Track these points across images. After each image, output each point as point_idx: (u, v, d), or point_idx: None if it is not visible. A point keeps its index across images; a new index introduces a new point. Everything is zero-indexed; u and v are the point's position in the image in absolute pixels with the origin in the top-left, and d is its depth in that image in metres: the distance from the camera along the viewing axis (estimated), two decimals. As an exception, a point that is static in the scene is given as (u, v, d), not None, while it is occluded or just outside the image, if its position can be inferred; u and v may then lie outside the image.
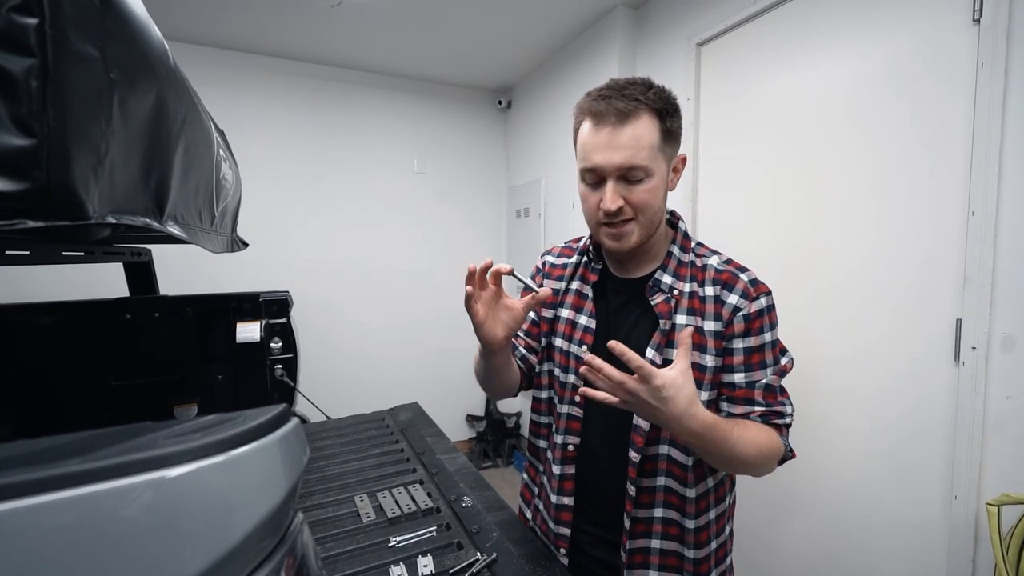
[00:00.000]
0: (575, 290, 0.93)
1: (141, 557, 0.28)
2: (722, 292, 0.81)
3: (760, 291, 0.81)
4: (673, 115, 0.77)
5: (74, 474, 0.27)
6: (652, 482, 0.85)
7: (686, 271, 0.84)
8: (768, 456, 0.77)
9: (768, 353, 0.82)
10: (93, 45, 0.44)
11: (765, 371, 0.81)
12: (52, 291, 1.84)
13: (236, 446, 0.33)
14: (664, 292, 0.83)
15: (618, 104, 0.73)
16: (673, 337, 0.81)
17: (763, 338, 0.81)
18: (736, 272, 0.83)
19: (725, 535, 0.91)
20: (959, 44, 1.25)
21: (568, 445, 0.92)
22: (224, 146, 1.05)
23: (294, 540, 0.38)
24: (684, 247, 0.87)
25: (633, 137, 0.73)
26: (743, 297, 0.80)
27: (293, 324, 1.72)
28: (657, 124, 0.75)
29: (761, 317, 0.80)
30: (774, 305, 0.83)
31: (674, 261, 0.85)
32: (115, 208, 0.51)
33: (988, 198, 1.19)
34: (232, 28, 2.50)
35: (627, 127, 0.73)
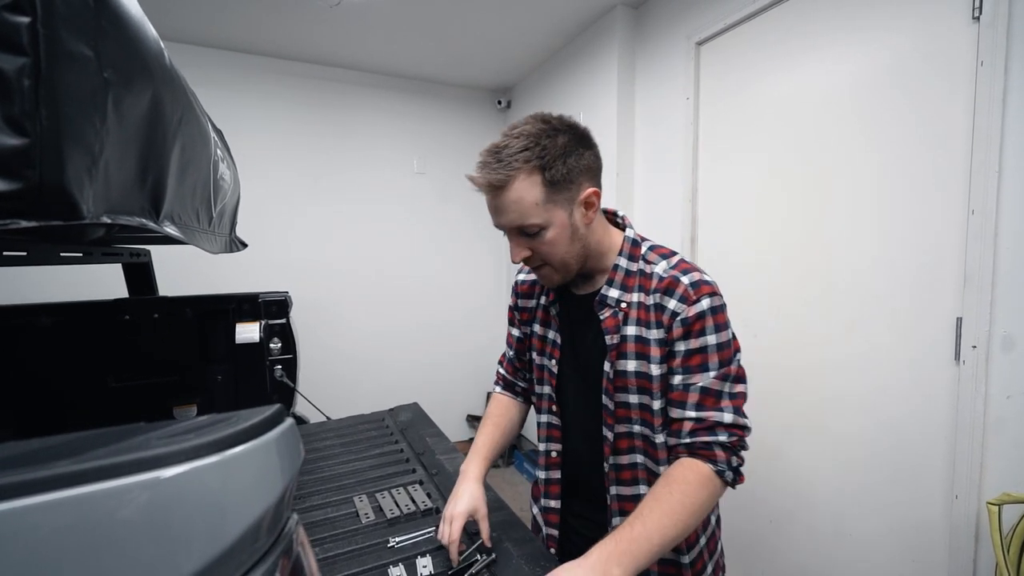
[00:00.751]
0: (543, 306, 0.97)
1: (135, 559, 0.28)
2: (663, 298, 0.81)
3: (701, 293, 0.79)
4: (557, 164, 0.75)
5: (66, 475, 0.26)
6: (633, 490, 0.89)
7: (633, 281, 0.85)
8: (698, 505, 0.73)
9: (711, 356, 0.79)
10: (87, 44, 0.43)
11: (705, 374, 0.79)
12: (51, 292, 1.84)
13: (230, 447, 0.33)
14: (611, 307, 0.85)
15: (490, 177, 0.75)
16: (625, 348, 0.83)
17: (705, 340, 0.79)
18: (678, 276, 0.81)
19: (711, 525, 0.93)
20: (959, 42, 1.24)
21: (551, 452, 0.97)
22: (222, 146, 1.05)
23: (289, 541, 0.38)
24: (632, 255, 0.87)
25: (512, 201, 0.76)
26: (681, 301, 0.79)
27: (293, 325, 1.72)
28: (538, 180, 0.75)
29: (702, 319, 0.78)
30: (721, 307, 0.80)
31: (621, 273, 0.86)
32: (110, 208, 0.51)
33: (988, 197, 1.19)
34: (230, 28, 2.50)
35: (504, 194, 0.76)
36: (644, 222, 2.34)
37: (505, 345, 1.13)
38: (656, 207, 2.26)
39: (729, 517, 1.92)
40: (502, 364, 1.13)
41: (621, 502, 0.88)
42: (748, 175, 1.82)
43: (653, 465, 0.85)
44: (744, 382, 0.82)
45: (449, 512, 0.86)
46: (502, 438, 1.02)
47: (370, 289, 3.20)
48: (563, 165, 0.76)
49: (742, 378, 0.82)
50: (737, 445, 0.79)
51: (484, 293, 3.58)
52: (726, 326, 0.80)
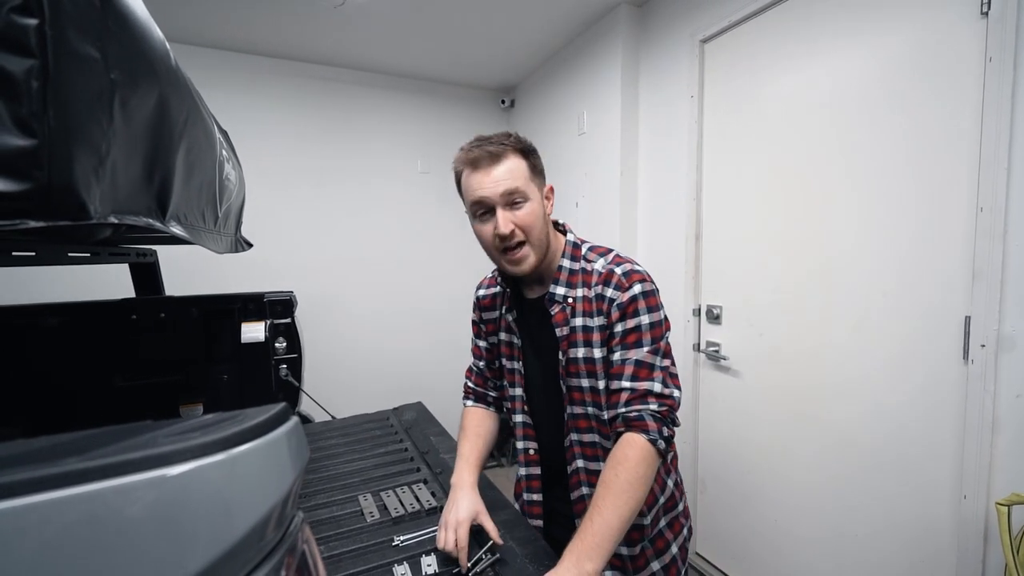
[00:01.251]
0: (508, 317, 1.06)
1: (142, 556, 0.28)
2: (603, 289, 0.91)
3: (633, 280, 0.90)
4: (533, 154, 0.93)
5: (73, 472, 0.27)
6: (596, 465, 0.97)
7: (577, 278, 0.95)
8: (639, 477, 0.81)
9: (644, 334, 0.89)
10: (94, 46, 0.44)
11: (640, 349, 0.88)
12: (59, 292, 1.85)
13: (236, 445, 0.33)
14: (559, 303, 0.95)
15: (488, 148, 0.88)
16: (575, 338, 0.93)
17: (638, 320, 0.89)
18: (613, 268, 0.92)
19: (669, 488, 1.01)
20: (967, 38, 1.23)
21: (528, 449, 1.06)
22: (227, 147, 1.05)
23: (295, 539, 0.38)
24: (574, 256, 0.97)
25: (507, 170, 0.88)
26: (616, 289, 0.90)
27: (298, 324, 1.73)
28: (523, 161, 0.90)
29: (635, 302, 0.89)
30: (652, 291, 0.91)
31: (565, 272, 0.96)
32: (117, 208, 0.51)
33: (997, 193, 1.18)
34: (234, 30, 2.51)
35: (500, 164, 0.88)
36: (648, 220, 2.33)
37: (472, 358, 1.22)
38: (660, 205, 2.25)
39: (734, 515, 1.92)
40: (470, 378, 1.21)
41: (588, 475, 0.97)
42: (753, 173, 1.81)
43: (603, 440, 0.95)
44: (671, 358, 0.92)
45: (452, 519, 0.88)
46: (484, 446, 1.09)
47: (375, 289, 3.21)
48: (536, 157, 0.94)
49: (670, 354, 0.92)
50: (667, 416, 0.86)
51: (488, 292, 3.58)
52: (657, 308, 0.90)
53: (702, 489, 2.05)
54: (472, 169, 0.90)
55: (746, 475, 1.86)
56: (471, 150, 0.90)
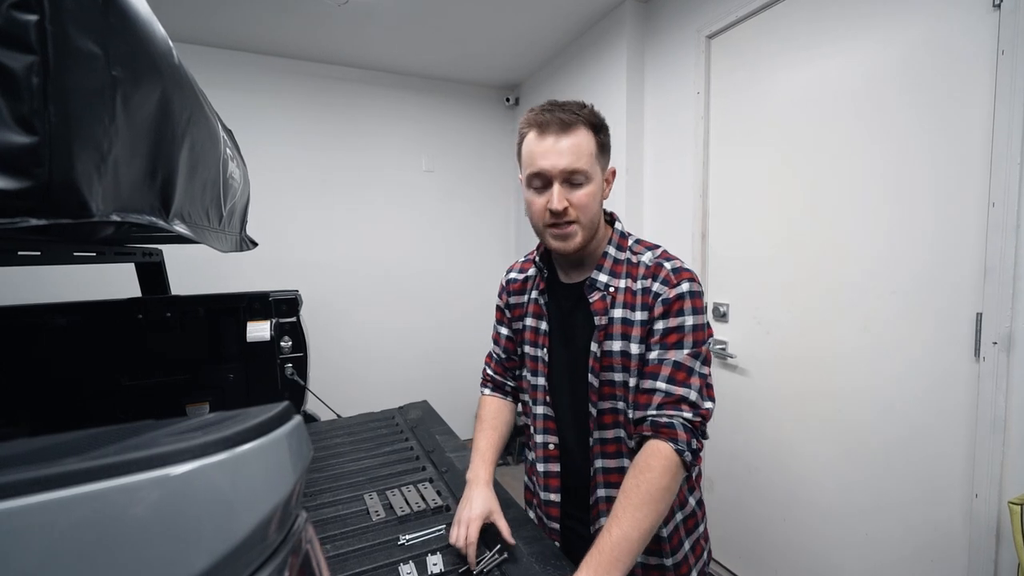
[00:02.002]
0: (534, 299, 1.02)
1: (145, 556, 0.28)
2: (650, 283, 0.88)
3: (681, 278, 0.87)
4: (605, 131, 0.88)
5: (75, 472, 0.26)
6: (618, 463, 0.92)
7: (621, 268, 0.91)
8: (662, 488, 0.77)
9: (687, 335, 0.85)
10: (95, 42, 0.43)
11: (680, 351, 0.84)
12: (65, 292, 1.87)
13: (239, 444, 0.33)
14: (600, 290, 0.90)
15: (560, 115, 0.83)
16: (612, 330, 0.89)
17: (682, 320, 0.85)
18: (662, 263, 0.89)
19: (691, 505, 0.96)
20: (979, 30, 1.21)
21: (548, 444, 0.99)
22: (231, 145, 1.05)
23: (298, 538, 0.38)
24: (620, 246, 0.94)
25: (574, 144, 0.83)
26: (664, 284, 0.87)
27: (303, 323, 1.73)
28: (593, 136, 0.85)
29: (681, 300, 0.85)
30: (698, 292, 0.87)
31: (610, 260, 0.92)
32: (120, 206, 0.51)
33: (1009, 188, 1.16)
34: (239, 29, 2.52)
35: (569, 136, 0.83)
36: (654, 217, 2.32)
37: (492, 344, 1.16)
38: (666, 202, 2.24)
39: (742, 513, 1.91)
40: (489, 365, 1.16)
41: (606, 475, 0.93)
42: (760, 169, 1.79)
43: (627, 439, 0.91)
44: (710, 366, 0.88)
45: (465, 516, 0.87)
46: (500, 440, 1.06)
47: (380, 287, 3.21)
48: (607, 134, 0.89)
49: (709, 361, 0.88)
50: (699, 427, 0.82)
51: (493, 291, 3.57)
52: (702, 311, 0.87)
53: (709, 488, 2.04)
54: (539, 133, 0.84)
55: (753, 474, 1.85)
56: (542, 113, 0.84)
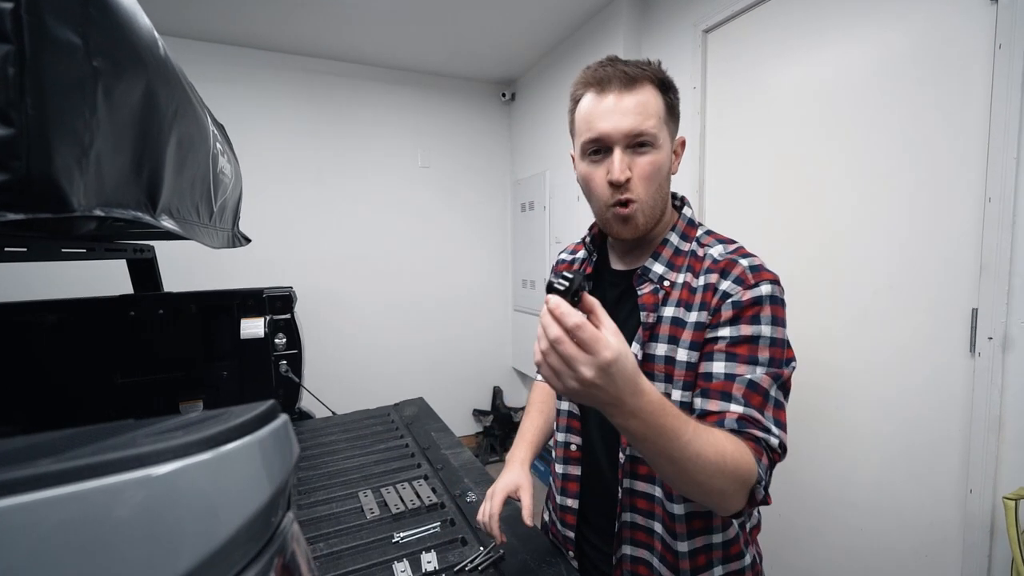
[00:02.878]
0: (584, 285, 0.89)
1: (126, 558, 0.27)
2: (716, 279, 0.72)
3: (762, 278, 0.70)
4: (674, 92, 0.76)
5: (48, 474, 0.26)
6: (649, 488, 0.76)
7: (683, 260, 0.77)
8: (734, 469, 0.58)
9: (762, 349, 0.67)
10: (74, 32, 0.42)
11: (753, 367, 0.66)
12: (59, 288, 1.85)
13: (221, 444, 0.32)
14: (653, 282, 0.77)
15: (624, 69, 0.71)
16: (659, 330, 0.74)
17: (757, 329, 0.67)
18: (736, 259, 0.73)
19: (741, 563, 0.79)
20: (976, 24, 1.20)
21: (571, 444, 0.87)
22: (223, 140, 1.04)
23: (284, 540, 0.37)
24: (686, 235, 0.80)
25: (640, 103, 0.70)
26: (736, 283, 0.70)
27: (297, 320, 1.72)
28: (661, 96, 0.73)
29: (758, 306, 0.68)
30: (781, 299, 0.70)
31: (670, 249, 0.78)
32: (103, 201, 0.50)
33: (1006, 183, 1.15)
34: (232, 22, 2.49)
35: (634, 92, 0.71)
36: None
37: None
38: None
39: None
40: None
41: (633, 497, 0.78)
42: (757, 165, 1.78)
43: None
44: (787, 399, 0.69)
45: (491, 490, 0.86)
46: (546, 424, 1.00)
47: (375, 284, 3.20)
48: (677, 96, 0.77)
49: (788, 392, 0.69)
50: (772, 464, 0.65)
51: (489, 288, 3.57)
52: (784, 323, 0.70)
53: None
54: (597, 92, 0.72)
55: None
56: (601, 67, 0.72)
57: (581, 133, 0.75)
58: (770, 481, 0.64)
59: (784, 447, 0.65)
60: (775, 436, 0.64)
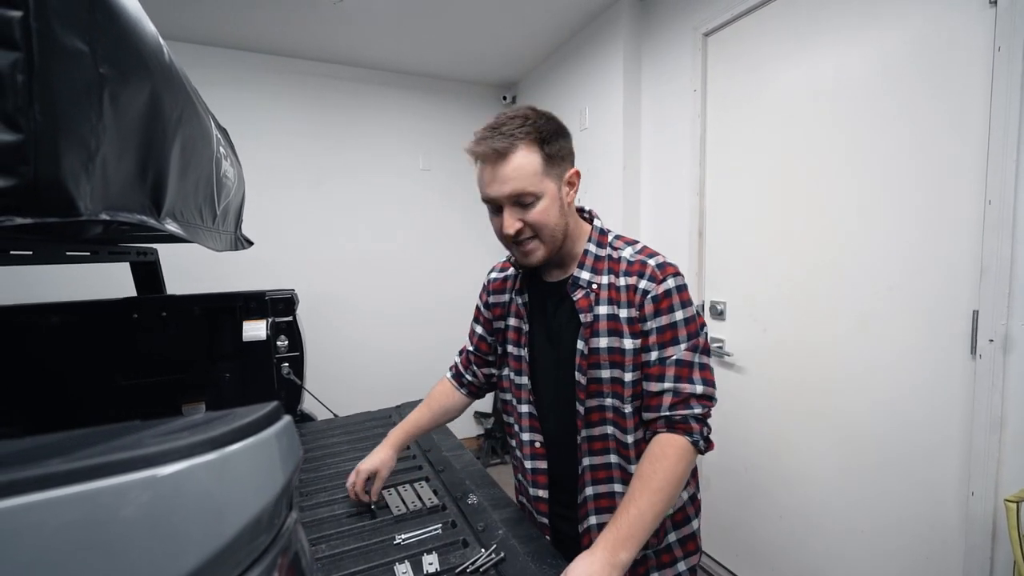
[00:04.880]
0: (518, 300, 1.02)
1: (132, 557, 0.27)
2: (635, 280, 0.88)
3: (667, 273, 0.87)
4: (552, 140, 0.85)
5: (57, 474, 0.26)
6: (605, 459, 0.92)
7: (603, 265, 0.92)
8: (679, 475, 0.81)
9: (681, 330, 0.86)
10: (81, 39, 0.43)
11: (678, 347, 0.86)
12: (62, 291, 1.86)
13: (226, 444, 0.33)
14: (583, 288, 0.91)
15: (494, 144, 0.82)
16: (597, 327, 0.89)
17: (673, 316, 0.86)
18: (645, 259, 0.89)
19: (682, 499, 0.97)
20: (975, 27, 1.21)
21: (535, 442, 0.99)
22: (225, 144, 1.04)
23: (288, 539, 0.37)
24: (600, 243, 0.94)
25: (514, 168, 0.82)
26: (651, 280, 0.87)
27: (299, 322, 1.73)
28: (537, 152, 0.83)
29: (669, 297, 0.86)
30: (684, 285, 0.89)
31: (591, 258, 0.92)
32: (109, 205, 0.50)
33: (1006, 186, 1.16)
34: (234, 27, 2.51)
35: (507, 162, 0.82)
36: (651, 216, 2.31)
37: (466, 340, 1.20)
38: (663, 201, 2.24)
39: (739, 511, 1.91)
40: (458, 357, 1.20)
41: (594, 472, 0.93)
42: (757, 167, 1.79)
43: (621, 435, 0.91)
44: (709, 354, 0.89)
45: (357, 467, 1.06)
46: (430, 418, 1.16)
47: (376, 286, 3.21)
48: (556, 143, 0.86)
49: (708, 350, 0.89)
50: (707, 416, 0.86)
51: (491, 290, 3.57)
52: (690, 303, 0.89)
53: (706, 485, 2.04)
54: (481, 163, 0.86)
55: (750, 471, 1.85)
56: (479, 143, 0.85)
57: (480, 190, 0.89)
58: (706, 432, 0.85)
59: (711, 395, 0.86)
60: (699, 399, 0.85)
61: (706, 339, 0.89)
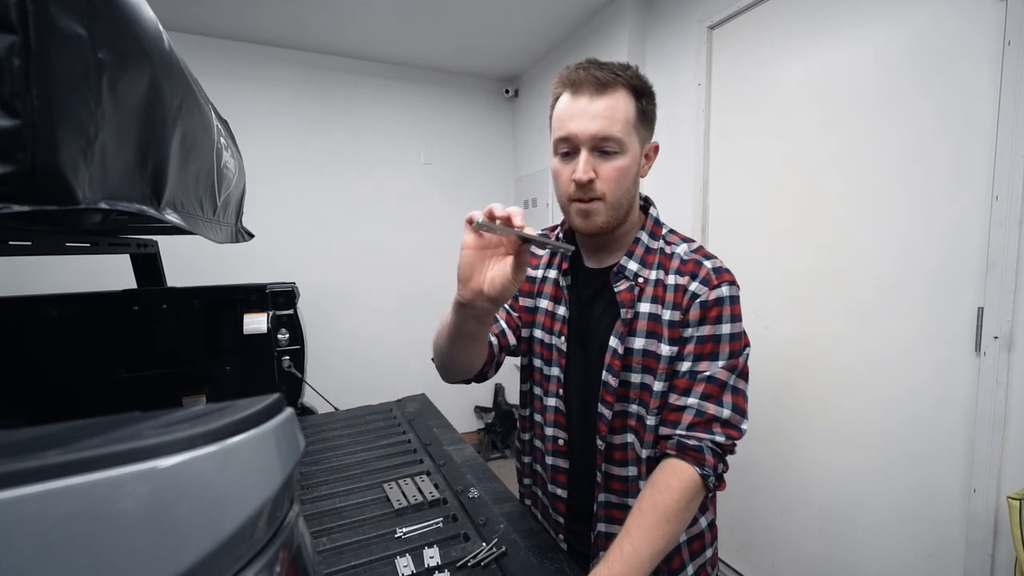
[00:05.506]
0: (552, 279, 0.92)
1: (132, 550, 0.27)
2: (687, 281, 0.80)
3: (722, 279, 0.79)
4: (649, 97, 0.79)
5: (54, 466, 0.26)
6: (623, 471, 0.85)
7: (653, 258, 0.83)
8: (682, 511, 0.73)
9: (724, 345, 0.78)
10: (79, 23, 0.42)
11: (715, 363, 0.77)
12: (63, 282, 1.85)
13: (227, 436, 0.32)
14: (628, 279, 0.82)
15: (596, 74, 0.74)
16: (636, 325, 0.81)
17: (719, 328, 0.78)
18: (701, 260, 0.81)
19: (700, 526, 0.88)
20: (985, 21, 1.20)
21: (558, 439, 0.92)
22: (226, 135, 1.03)
23: (290, 533, 0.37)
24: (654, 233, 0.86)
25: (609, 107, 0.74)
26: (703, 284, 0.79)
27: (300, 316, 1.72)
28: (633, 101, 0.76)
29: (720, 306, 0.78)
30: (738, 297, 0.80)
31: (641, 248, 0.84)
32: (108, 194, 0.50)
33: (1013, 182, 1.15)
34: (236, 18, 2.49)
35: (604, 97, 0.74)
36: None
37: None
38: (666, 196, 2.22)
39: (740, 507, 1.91)
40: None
41: (608, 480, 0.86)
42: (761, 162, 1.78)
43: (639, 447, 0.84)
44: (747, 380, 0.80)
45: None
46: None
47: (378, 280, 3.20)
48: (652, 102, 0.79)
49: (746, 375, 0.80)
50: (728, 450, 0.77)
51: (492, 284, 3.56)
52: (740, 318, 0.80)
53: (707, 481, 2.04)
54: (571, 93, 0.76)
55: (753, 467, 1.85)
56: (577, 70, 0.75)
57: (554, 131, 0.79)
58: (720, 468, 0.76)
59: (736, 425, 0.76)
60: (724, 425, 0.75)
61: (747, 362, 0.80)
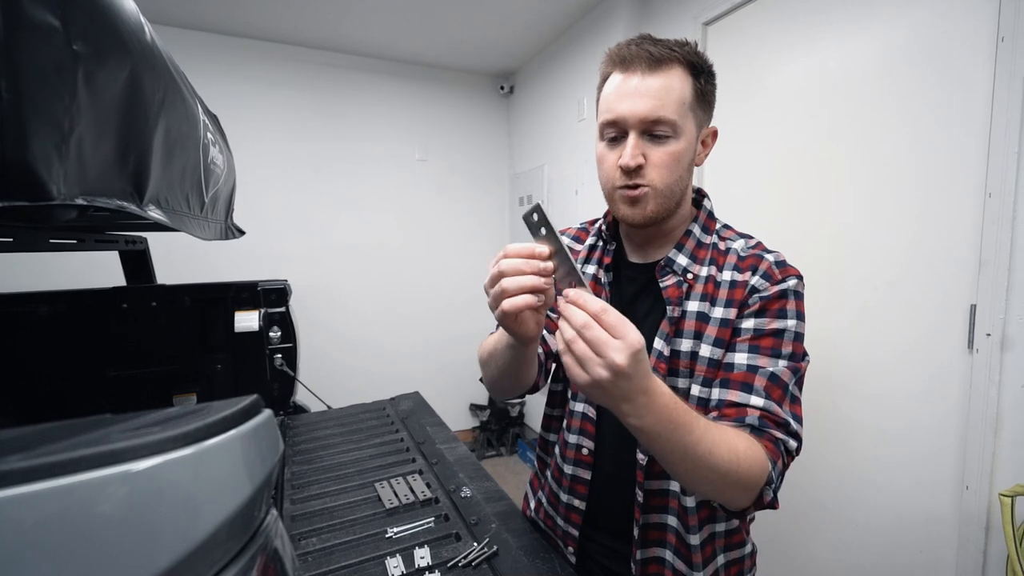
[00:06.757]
0: (591, 275, 0.84)
1: (104, 554, 0.26)
2: (746, 276, 0.71)
3: (788, 273, 0.71)
4: (708, 76, 0.71)
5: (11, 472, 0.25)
6: (662, 485, 0.76)
7: (705, 253, 0.75)
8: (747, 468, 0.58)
9: (787, 343, 0.68)
10: (52, 14, 0.41)
11: (776, 360, 0.67)
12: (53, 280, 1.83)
13: (201, 440, 0.31)
14: (676, 274, 0.74)
15: (650, 48, 0.66)
16: (683, 325, 0.72)
17: (784, 323, 0.68)
18: (761, 254, 0.73)
19: (742, 551, 0.82)
20: (978, 17, 1.19)
21: (582, 448, 0.83)
22: (214, 130, 1.02)
23: (266, 537, 0.36)
24: (707, 227, 0.78)
25: (663, 87, 0.66)
26: (765, 278, 0.70)
27: (292, 313, 1.71)
28: (690, 80, 0.68)
29: (784, 299, 0.69)
30: (803, 295, 0.71)
31: (693, 241, 0.76)
32: (87, 190, 0.48)
33: (1006, 179, 1.15)
34: (229, 13, 2.46)
35: (657, 75, 0.66)
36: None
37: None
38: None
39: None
40: None
41: (649, 498, 0.76)
42: (756, 159, 1.77)
43: None
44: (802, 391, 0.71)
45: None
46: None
47: (371, 277, 3.19)
48: (711, 82, 0.72)
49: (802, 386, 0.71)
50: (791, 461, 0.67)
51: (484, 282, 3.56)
52: (804, 318, 0.71)
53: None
54: (622, 71, 0.68)
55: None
56: (628, 46, 0.68)
57: (600, 113, 0.71)
58: (780, 485, 0.64)
59: (800, 443, 0.67)
60: (793, 437, 0.65)
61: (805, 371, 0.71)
